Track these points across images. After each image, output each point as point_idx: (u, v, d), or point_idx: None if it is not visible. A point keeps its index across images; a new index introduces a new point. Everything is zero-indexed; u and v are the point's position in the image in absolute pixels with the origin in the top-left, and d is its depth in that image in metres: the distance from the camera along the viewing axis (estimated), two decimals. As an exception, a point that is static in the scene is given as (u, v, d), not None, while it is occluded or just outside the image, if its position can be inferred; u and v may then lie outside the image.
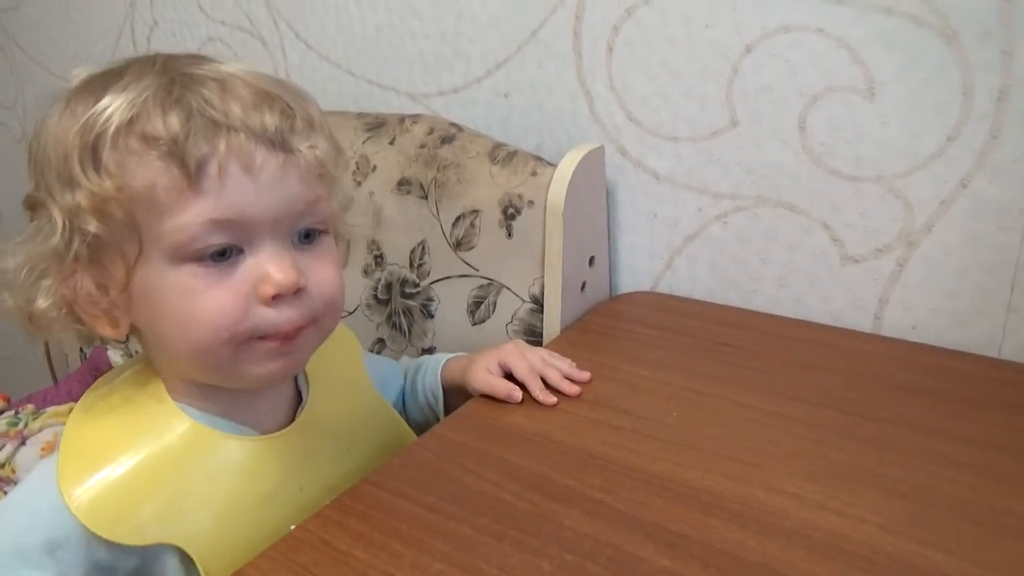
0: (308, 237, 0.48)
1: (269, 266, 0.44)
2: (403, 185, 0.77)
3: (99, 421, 0.49)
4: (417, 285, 0.78)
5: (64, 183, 0.44)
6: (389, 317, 0.81)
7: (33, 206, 0.47)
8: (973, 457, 0.49)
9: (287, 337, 0.46)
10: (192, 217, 0.42)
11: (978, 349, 0.62)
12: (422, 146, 0.77)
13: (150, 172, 0.42)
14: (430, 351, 0.78)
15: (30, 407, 0.94)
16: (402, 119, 0.81)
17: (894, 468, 0.48)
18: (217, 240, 0.43)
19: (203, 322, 0.44)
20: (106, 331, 0.47)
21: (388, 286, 0.80)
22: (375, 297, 0.81)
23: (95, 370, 0.98)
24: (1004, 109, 0.56)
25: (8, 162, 1.48)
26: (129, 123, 0.42)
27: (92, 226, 0.43)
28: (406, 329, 0.80)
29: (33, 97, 1.46)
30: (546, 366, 0.60)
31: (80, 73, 0.47)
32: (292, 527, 0.46)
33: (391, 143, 0.79)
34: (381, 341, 0.82)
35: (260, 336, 0.45)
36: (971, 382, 0.57)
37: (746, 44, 0.66)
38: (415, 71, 0.88)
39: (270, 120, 0.44)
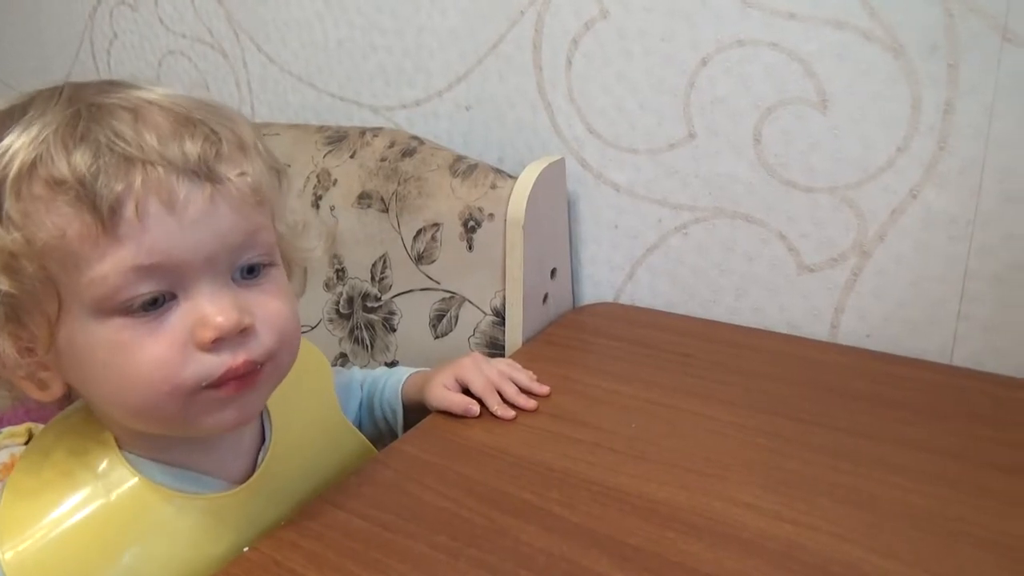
0: (252, 272, 0.43)
1: (207, 308, 0.40)
2: (364, 199, 0.77)
3: (40, 475, 0.45)
4: (379, 299, 0.77)
5: None
6: (351, 332, 0.80)
7: None
8: (927, 465, 0.49)
9: (240, 379, 0.42)
10: (111, 267, 0.38)
11: (932, 356, 0.63)
12: (383, 159, 0.77)
13: (59, 220, 0.38)
14: (392, 365, 0.78)
15: (-17, 428, 0.91)
16: (363, 132, 0.81)
17: (849, 477, 0.48)
18: (145, 289, 0.39)
19: (140, 378, 0.40)
20: (36, 395, 0.43)
21: (350, 300, 0.80)
22: (337, 311, 0.81)
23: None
24: (950, 121, 0.57)
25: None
26: (31, 166, 0.38)
27: (3, 284, 0.39)
28: (368, 343, 0.79)
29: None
30: (503, 380, 0.60)
31: None
32: (245, 549, 0.45)
33: (352, 156, 0.79)
34: (343, 356, 0.81)
35: (209, 385, 0.41)
36: (925, 390, 0.58)
37: (701, 57, 0.66)
38: (377, 84, 0.88)
39: (191, 148, 0.40)
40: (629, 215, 0.75)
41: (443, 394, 0.58)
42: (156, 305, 0.40)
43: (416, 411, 0.63)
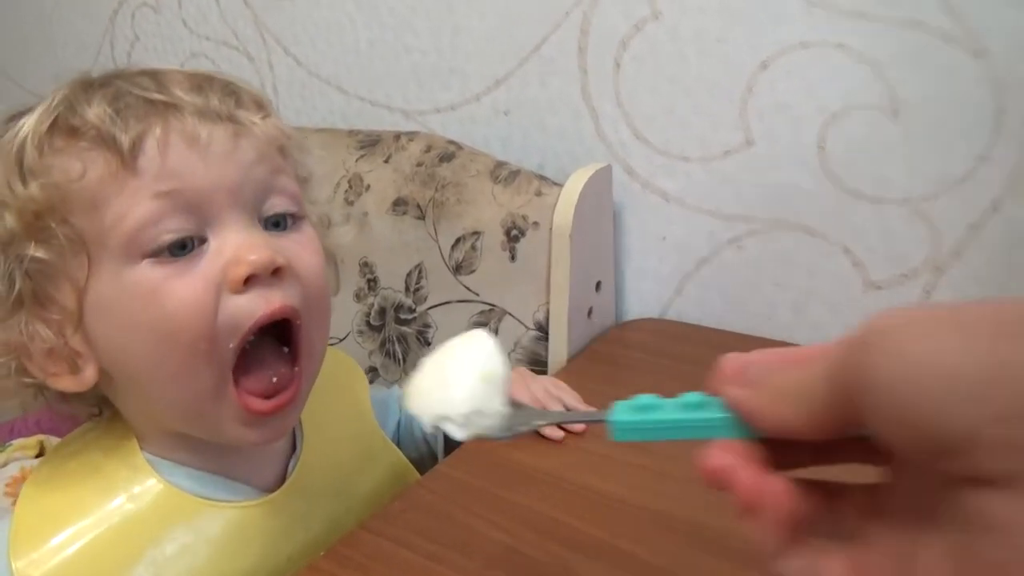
0: (278, 226, 0.41)
1: (238, 246, 0.38)
2: (399, 205, 0.73)
3: (60, 484, 0.43)
4: (413, 311, 0.74)
5: None
6: (383, 344, 0.76)
7: None
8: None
9: (276, 397, 0.40)
10: (132, 198, 0.37)
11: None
12: (419, 164, 0.73)
13: (78, 164, 0.37)
14: (426, 381, 0.74)
15: (-6, 440, 0.88)
16: (397, 136, 0.77)
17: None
18: (171, 225, 0.37)
19: (174, 324, 0.37)
20: (67, 383, 0.40)
21: (382, 311, 0.76)
22: (367, 323, 0.77)
23: (65, 400, 0.92)
24: (1038, 128, 0.54)
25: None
26: (52, 125, 0.38)
27: (30, 249, 0.37)
28: (401, 357, 0.75)
29: (4, 115, 1.41)
30: (550, 399, 0.56)
31: None
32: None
33: (386, 161, 0.76)
34: (373, 370, 0.77)
35: (242, 372, 0.39)
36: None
37: (762, 60, 0.63)
38: (410, 88, 0.85)
39: (212, 97, 0.40)
40: (678, 226, 0.71)
41: None
42: (186, 250, 0.38)
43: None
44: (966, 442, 0.17)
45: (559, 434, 0.54)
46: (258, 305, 0.38)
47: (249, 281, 0.38)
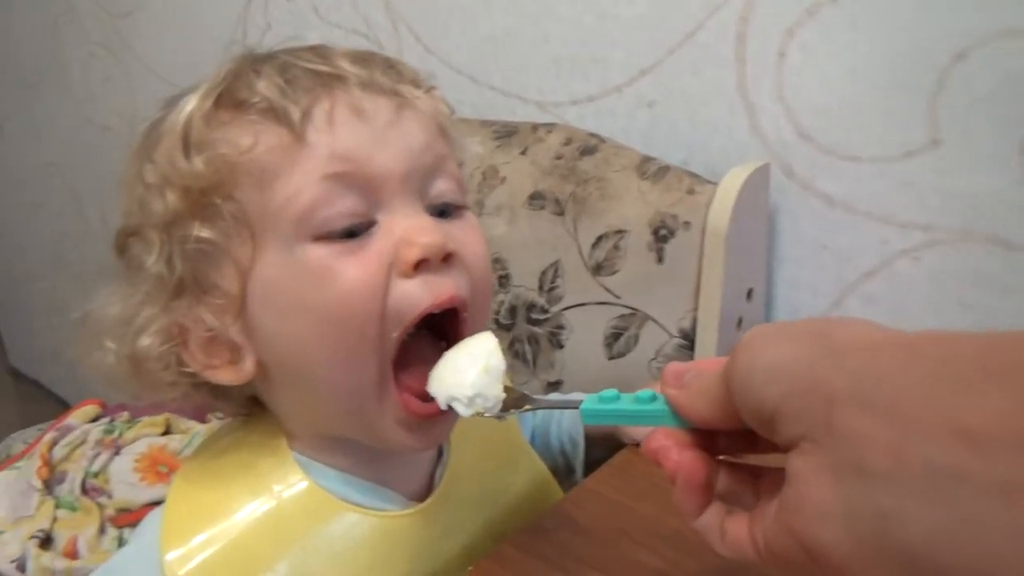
0: (443, 214, 0.40)
1: (411, 227, 0.37)
2: (536, 199, 0.70)
3: (210, 483, 0.42)
4: (546, 311, 0.70)
5: (155, 193, 0.37)
6: (512, 345, 0.73)
7: (123, 240, 0.40)
8: None
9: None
10: (304, 177, 0.36)
11: None
12: (558, 157, 0.70)
13: (246, 137, 0.36)
14: (557, 385, 0.70)
15: (125, 415, 0.90)
16: (535, 127, 0.74)
17: None
18: (342, 207, 0.36)
19: (342, 304, 0.36)
20: (225, 375, 0.39)
21: (512, 310, 0.73)
22: (496, 321, 0.74)
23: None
24: None
25: (119, 167, 1.49)
26: (217, 99, 0.37)
27: (194, 229, 0.36)
28: (531, 359, 0.72)
29: (144, 103, 1.47)
30: None
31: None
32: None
33: (523, 153, 0.72)
34: (500, 370, 0.74)
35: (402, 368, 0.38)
36: None
37: (957, 51, 0.56)
38: (546, 78, 0.81)
39: (377, 71, 0.39)
40: (842, 233, 0.64)
41: None
42: (354, 236, 0.37)
43: (595, 444, 0.55)
44: (774, 415, 0.24)
45: (720, 455, 0.49)
46: (426, 293, 0.37)
47: (419, 266, 0.36)
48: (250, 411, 0.44)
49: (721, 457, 0.30)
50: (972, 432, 0.19)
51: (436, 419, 0.38)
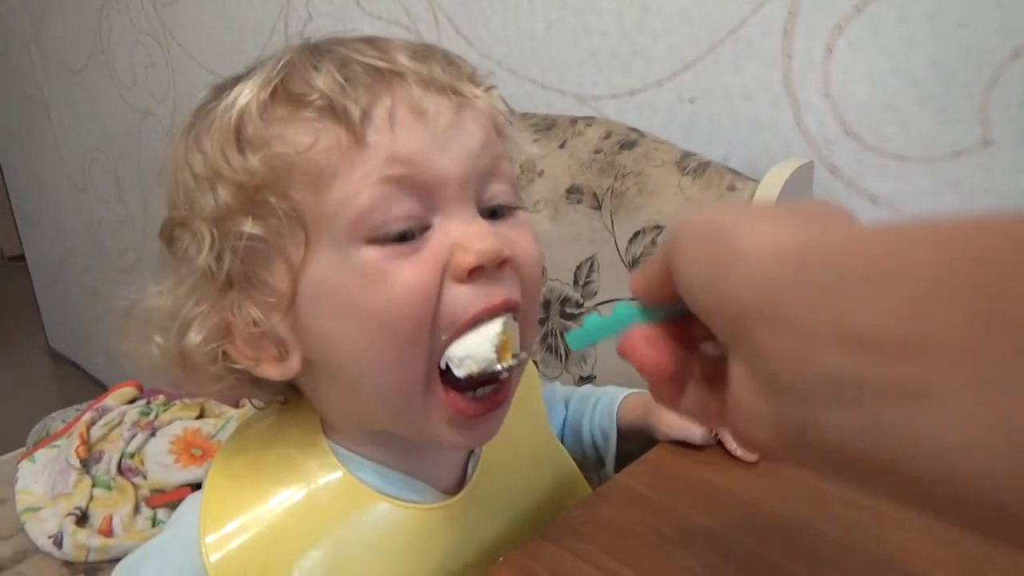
0: (495, 215, 0.39)
1: (467, 232, 0.36)
2: (573, 193, 0.69)
3: (246, 470, 0.42)
4: (580, 305, 0.70)
5: (205, 186, 0.37)
6: (544, 338, 0.73)
7: (171, 231, 0.39)
8: None
9: (489, 399, 0.38)
10: (362, 179, 0.35)
11: None
12: (597, 151, 0.69)
13: (303, 135, 0.35)
14: (588, 380, 0.70)
15: (161, 398, 0.92)
16: (574, 120, 0.73)
17: None
18: (399, 210, 0.35)
19: (394, 306, 0.35)
20: (271, 371, 0.38)
21: (546, 303, 0.72)
22: (529, 314, 0.74)
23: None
24: None
25: (159, 154, 1.51)
26: (272, 92, 0.36)
27: (246, 226, 0.35)
28: (563, 353, 0.72)
29: (184, 91, 1.49)
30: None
31: (198, 96, 0.41)
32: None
33: (561, 147, 0.72)
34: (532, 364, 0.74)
35: (449, 378, 0.37)
36: None
37: (1014, 48, 0.54)
38: (586, 71, 0.81)
39: (436, 67, 0.38)
40: (886, 233, 0.63)
41: (681, 421, 0.49)
42: (409, 238, 0.36)
43: (627, 439, 0.55)
44: (707, 322, 0.25)
45: (753, 456, 0.48)
46: (479, 298, 0.36)
47: (474, 272, 0.36)
48: (286, 398, 0.44)
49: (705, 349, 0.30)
50: (862, 338, 0.19)
51: (483, 417, 0.38)
